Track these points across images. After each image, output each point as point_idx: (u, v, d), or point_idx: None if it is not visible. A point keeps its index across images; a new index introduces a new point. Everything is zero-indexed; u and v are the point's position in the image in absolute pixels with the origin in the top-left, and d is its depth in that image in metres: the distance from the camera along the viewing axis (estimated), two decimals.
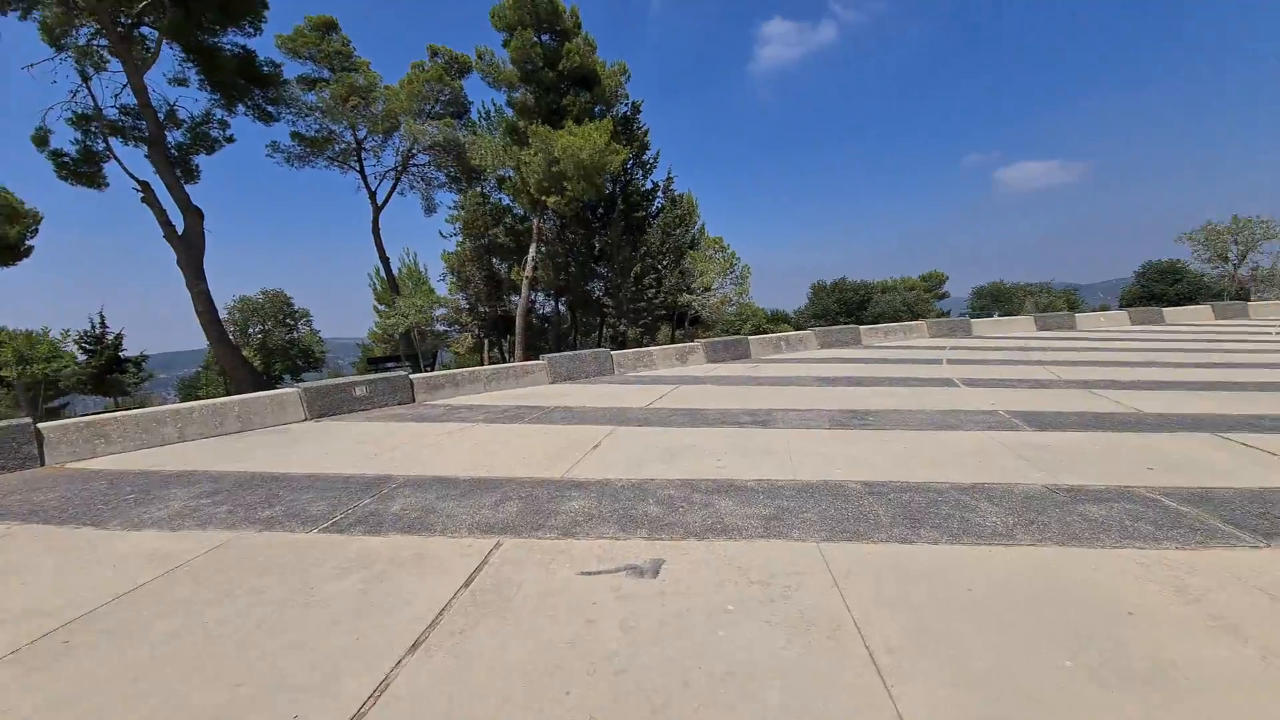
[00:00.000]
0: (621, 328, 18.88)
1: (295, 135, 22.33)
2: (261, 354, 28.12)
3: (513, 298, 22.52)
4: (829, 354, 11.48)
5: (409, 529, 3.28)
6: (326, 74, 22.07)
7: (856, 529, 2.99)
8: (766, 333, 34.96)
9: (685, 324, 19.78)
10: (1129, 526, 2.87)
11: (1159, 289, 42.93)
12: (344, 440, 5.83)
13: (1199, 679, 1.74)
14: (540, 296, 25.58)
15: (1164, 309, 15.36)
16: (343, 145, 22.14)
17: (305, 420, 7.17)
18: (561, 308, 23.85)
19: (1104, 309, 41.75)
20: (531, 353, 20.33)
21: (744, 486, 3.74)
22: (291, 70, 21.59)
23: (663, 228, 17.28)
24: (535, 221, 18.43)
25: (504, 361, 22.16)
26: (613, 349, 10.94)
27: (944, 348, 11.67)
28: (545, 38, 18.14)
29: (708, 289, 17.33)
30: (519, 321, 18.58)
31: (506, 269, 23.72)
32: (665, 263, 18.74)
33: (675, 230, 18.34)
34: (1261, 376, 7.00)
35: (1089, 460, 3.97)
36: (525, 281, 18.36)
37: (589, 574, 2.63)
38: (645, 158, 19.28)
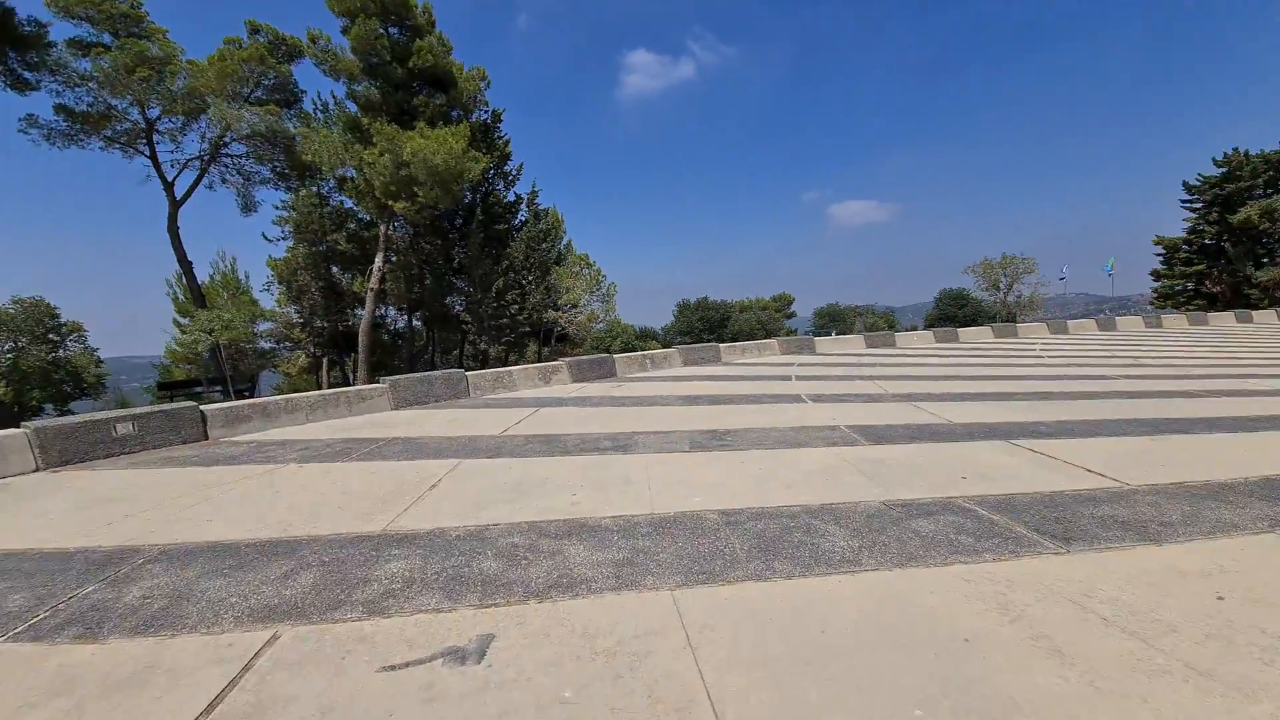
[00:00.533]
0: (482, 345, 17.82)
1: (61, 109, 18.04)
2: (9, 380, 22.01)
3: (357, 311, 20.21)
4: (691, 372, 11.78)
5: (144, 628, 2.43)
6: (108, 39, 18.20)
7: (712, 568, 2.80)
8: (634, 350, 35.84)
9: (552, 341, 19.33)
10: (954, 540, 3.04)
11: (951, 311, 51.89)
12: (83, 498, 4.45)
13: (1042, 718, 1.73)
14: (392, 311, 23.35)
15: (958, 329, 18.34)
16: (127, 125, 18.31)
17: (38, 471, 5.45)
18: (417, 323, 21.95)
19: (914, 328, 49.32)
20: (381, 372, 18.38)
21: (598, 526, 3.41)
22: (62, 32, 17.49)
23: (527, 241, 16.72)
24: (382, 228, 16.74)
25: (348, 384, 19.75)
26: (476, 368, 10.12)
27: (793, 364, 12.62)
28: (393, 30, 16.76)
29: (574, 305, 17.06)
30: (363, 338, 16.64)
31: (349, 279, 21.24)
32: (530, 278, 18.13)
33: (541, 245, 17.88)
34: (1032, 387, 8.42)
35: (917, 473, 4.28)
36: (370, 294, 16.54)
37: (393, 669, 2.08)
38: (507, 169, 18.62)
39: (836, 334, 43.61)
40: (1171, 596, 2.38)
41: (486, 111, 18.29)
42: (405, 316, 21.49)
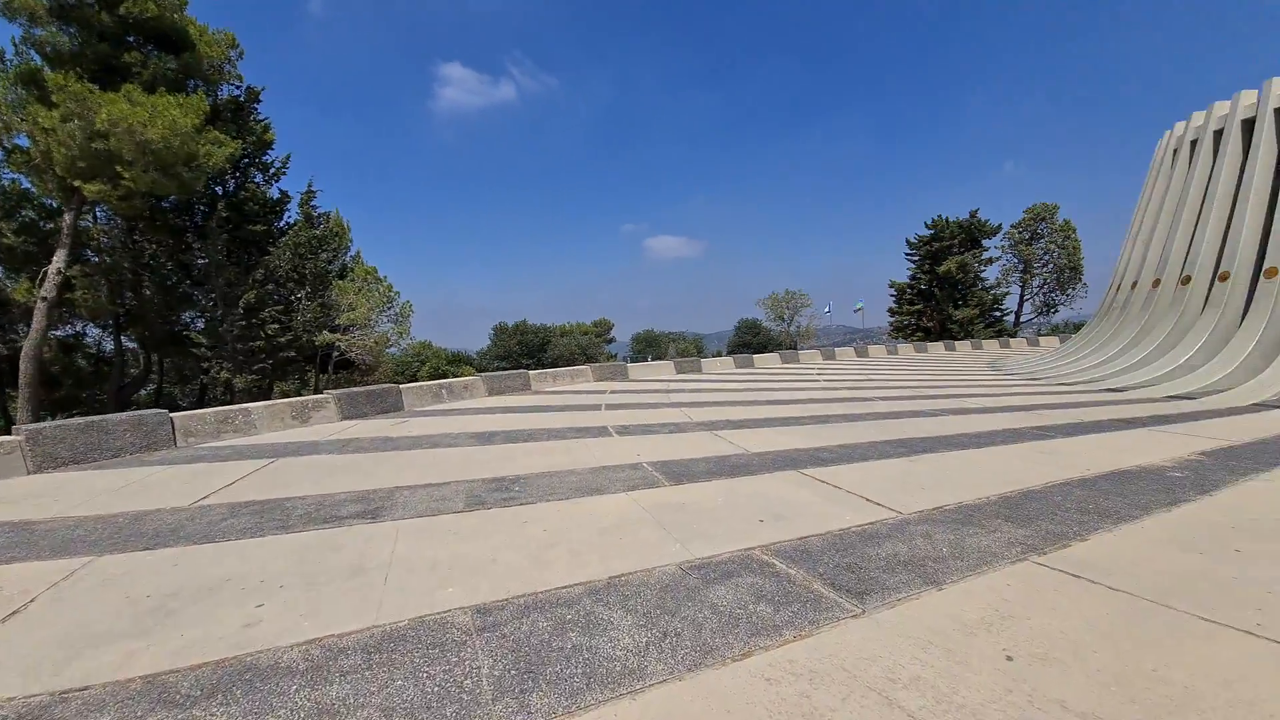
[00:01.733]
0: (224, 374, 14.19)
1: None
2: None
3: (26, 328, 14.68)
4: (495, 402, 10.65)
5: None
6: None
7: None
8: (445, 376, 32.77)
9: (331, 368, 16.28)
10: (752, 613, 2.58)
11: (748, 339, 58.36)
12: None
13: None
14: (95, 330, 17.63)
15: (754, 355, 20.20)
16: None
17: None
18: (130, 344, 16.77)
19: (719, 354, 54.31)
20: (74, 410, 13.73)
21: (272, 668, 2.23)
22: None
23: (294, 248, 13.87)
24: (68, 217, 12.39)
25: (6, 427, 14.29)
26: (226, 404, 7.61)
27: (605, 392, 12.27)
28: None
29: (356, 325, 14.56)
30: (25, 365, 11.90)
31: (16, 282, 15.41)
32: (302, 293, 15.12)
33: (317, 254, 15.05)
34: (814, 411, 9.14)
35: (716, 519, 3.90)
36: (42, 304, 12.01)
37: None
38: (269, 159, 15.44)
39: (652, 358, 45.78)
40: (969, 668, 2.15)
41: (239, 88, 14.96)
42: (113, 337, 16.20)
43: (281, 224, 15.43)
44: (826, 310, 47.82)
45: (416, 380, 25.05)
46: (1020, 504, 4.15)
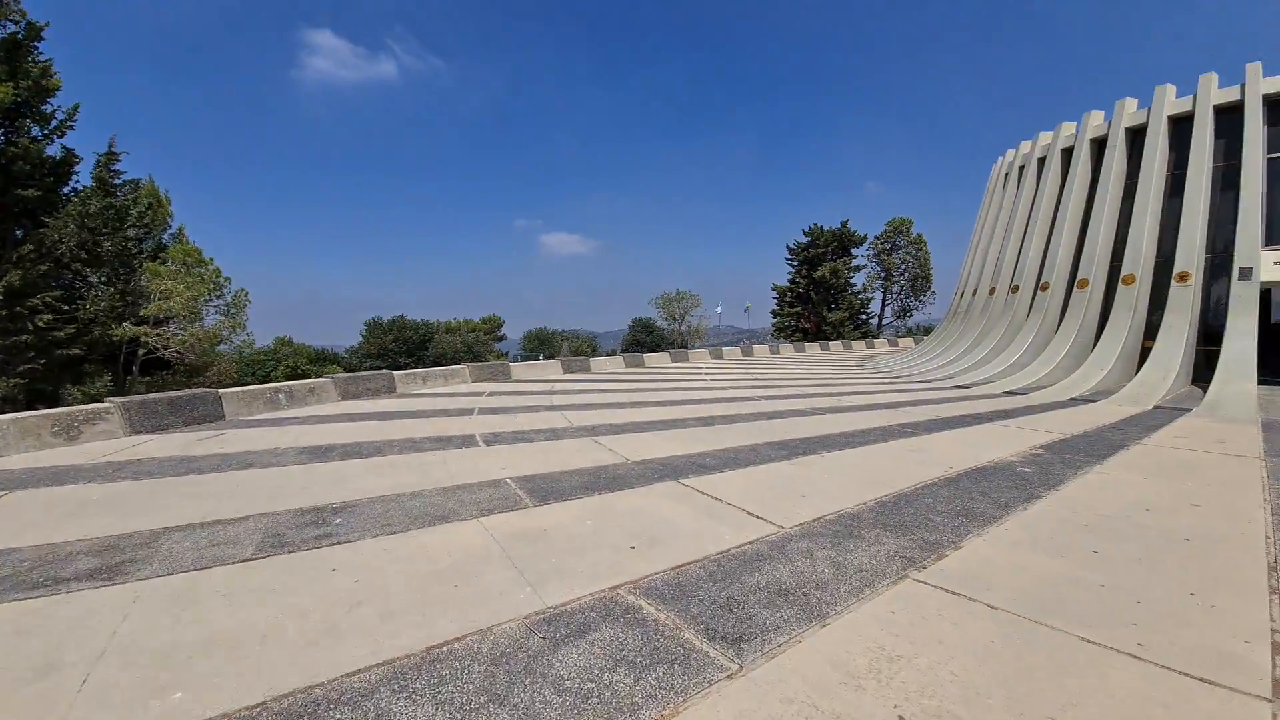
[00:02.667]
0: None
1: None
2: None
3: None
4: (347, 408, 9.25)
5: None
6: None
7: None
8: (305, 377, 29.22)
9: (136, 369, 13.23)
10: (607, 686, 2.03)
11: (641, 338, 58.99)
12: None
13: None
14: None
15: (645, 354, 20.07)
16: None
17: None
18: None
19: (613, 353, 54.25)
20: None
21: None
22: None
23: (80, 220, 11.03)
24: None
25: None
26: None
27: (482, 394, 11.26)
28: None
29: (173, 316, 11.97)
30: None
31: None
32: (98, 276, 12.26)
33: (120, 228, 12.24)
34: (700, 412, 8.94)
35: (581, 548, 3.32)
36: None
37: None
38: (49, 108, 12.30)
39: (544, 357, 44.51)
40: None
41: (20, 24, 11.69)
42: None
43: (67, 190, 12.30)
44: (718, 310, 49.61)
45: (270, 383, 21.92)
46: (896, 509, 4.05)
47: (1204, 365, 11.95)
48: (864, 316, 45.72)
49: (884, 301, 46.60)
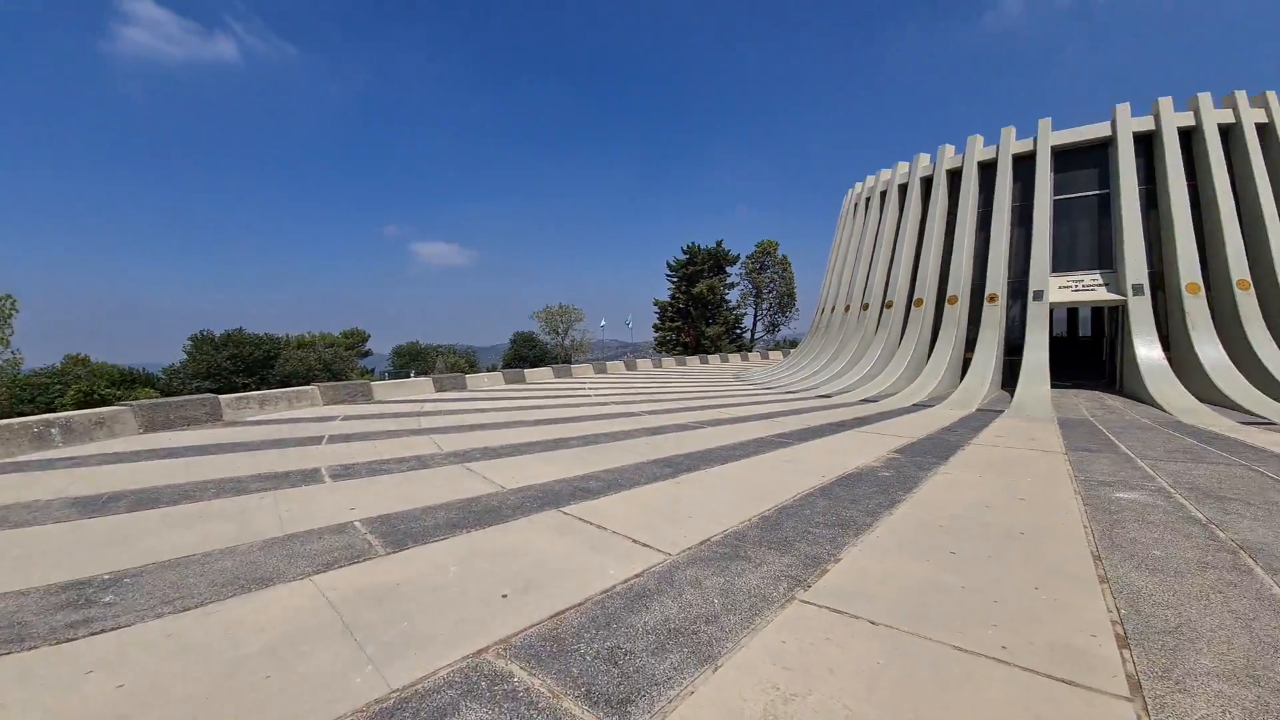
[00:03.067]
0: None
1: None
2: None
3: None
4: (152, 442, 7.59)
5: None
6: None
7: None
8: (104, 402, 24.73)
9: None
10: None
11: (524, 352, 57.43)
12: None
13: None
14: None
15: (526, 369, 19.35)
16: None
17: None
18: None
19: (494, 368, 52.10)
20: None
21: None
22: None
23: None
24: None
25: None
26: None
27: (336, 418, 9.94)
28: None
29: None
30: None
31: None
32: None
33: None
34: (584, 430, 8.63)
35: (442, 603, 2.84)
36: None
37: None
38: None
39: (416, 374, 41.41)
40: None
41: None
42: None
43: None
44: (602, 325, 49.80)
45: (55, 410, 17.89)
46: (779, 524, 4.05)
47: (1010, 373, 14.13)
48: (738, 331, 48.63)
49: (755, 317, 50.01)
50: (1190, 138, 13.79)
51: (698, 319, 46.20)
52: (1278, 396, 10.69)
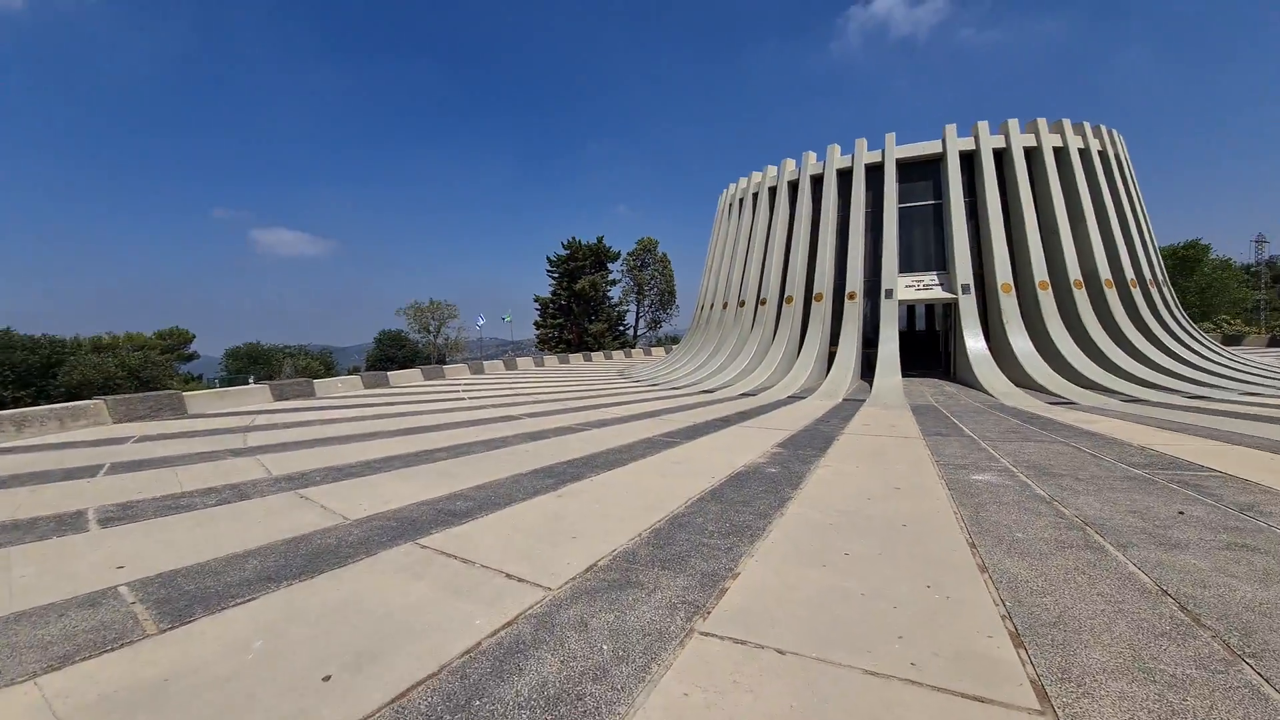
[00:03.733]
0: None
1: None
2: None
3: None
4: None
5: None
6: None
7: None
8: None
9: None
10: None
11: (391, 352, 52.86)
12: None
13: None
14: None
15: (390, 372, 17.53)
16: None
17: None
18: None
19: (356, 370, 47.23)
20: None
21: None
22: None
23: None
24: None
25: None
26: None
27: (128, 439, 8.00)
28: None
29: None
30: None
31: None
32: None
33: None
34: (455, 438, 7.77)
35: (228, 707, 2.07)
36: None
37: None
38: None
39: (256, 380, 36.21)
40: None
41: None
42: None
43: None
44: (479, 322, 47.22)
45: None
46: (671, 537, 3.73)
47: (867, 365, 15.47)
48: (621, 328, 48.96)
49: (638, 314, 50.71)
50: (1002, 158, 16.09)
51: (580, 316, 45.73)
52: (1073, 379, 12.77)
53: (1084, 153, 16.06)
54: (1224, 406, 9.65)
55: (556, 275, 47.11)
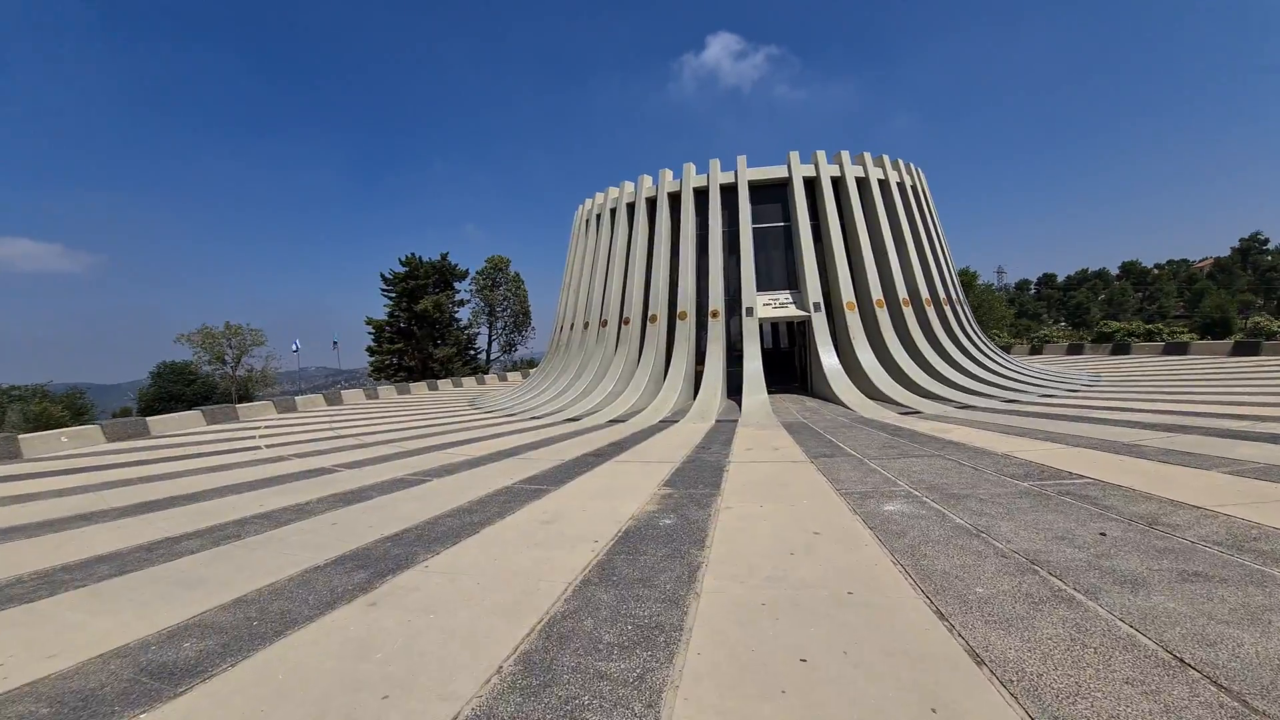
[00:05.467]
0: None
1: None
2: None
3: None
4: None
5: None
6: None
7: None
8: None
9: None
10: None
11: (177, 389, 43.33)
12: None
13: None
14: None
15: (156, 418, 13.56)
16: None
17: None
18: None
19: (127, 412, 37.53)
20: None
21: None
22: None
23: None
24: None
25: None
26: None
27: None
28: None
29: None
30: None
31: None
32: None
33: None
34: (220, 513, 5.60)
35: None
36: None
37: None
38: None
39: None
40: None
41: None
42: None
43: None
44: (295, 349, 40.48)
45: None
46: (550, 669, 2.46)
47: (731, 383, 15.50)
48: (473, 352, 45.70)
49: (490, 337, 47.84)
50: (838, 185, 17.46)
51: (424, 339, 41.71)
52: (913, 390, 13.85)
53: (901, 185, 18.09)
54: (1033, 408, 10.89)
55: (394, 295, 42.53)
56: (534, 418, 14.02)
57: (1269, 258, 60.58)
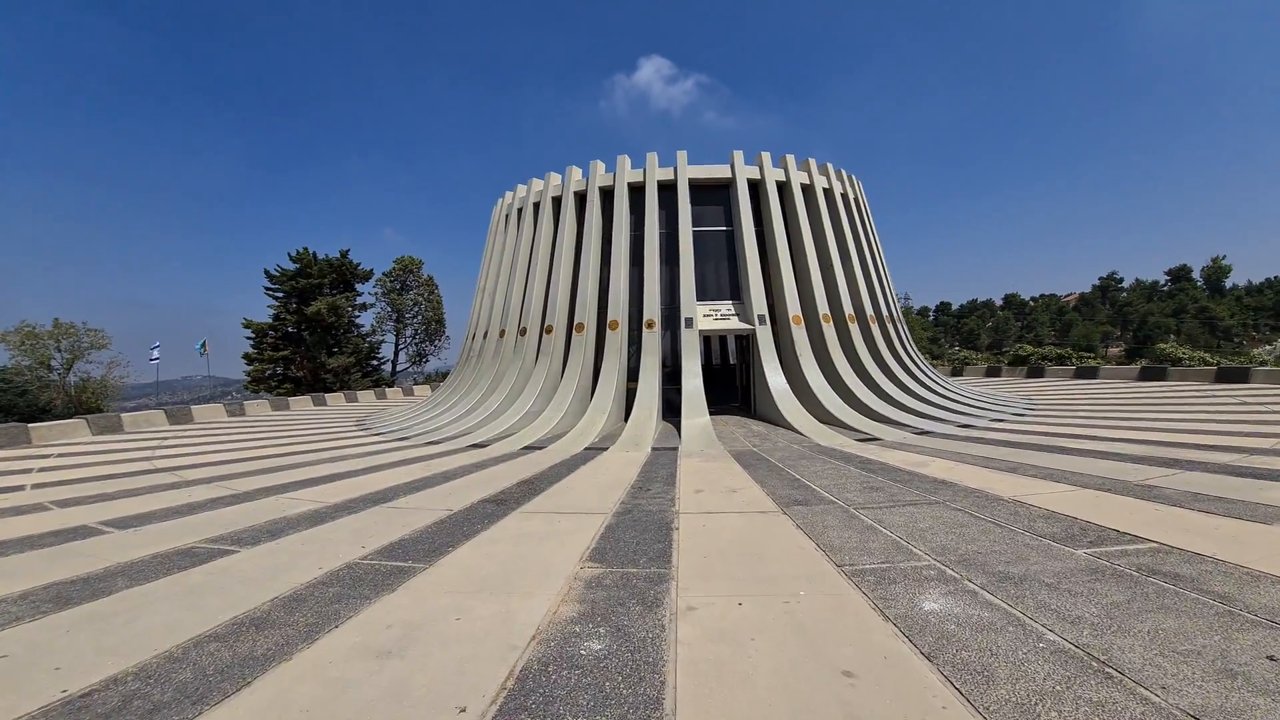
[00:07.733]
0: None
1: None
2: None
3: None
4: None
5: None
6: None
7: None
8: None
9: None
10: None
11: (7, 400, 36.21)
12: None
13: None
14: None
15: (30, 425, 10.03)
16: None
17: None
18: None
19: None
20: None
21: None
22: None
23: None
24: None
25: None
26: None
27: None
28: None
29: None
30: None
31: None
32: None
33: None
34: (105, 561, 3.22)
35: None
36: None
37: None
38: None
39: None
40: None
41: None
42: None
43: None
44: (154, 355, 34.84)
45: None
46: None
47: (668, 403, 13.98)
48: (375, 362, 41.66)
49: (397, 345, 43.94)
50: (784, 191, 16.58)
51: (316, 346, 37.39)
52: (864, 413, 12.90)
53: (844, 196, 17.54)
54: (991, 435, 10.12)
55: (281, 295, 37.90)
56: (431, 443, 11.76)
57: (1124, 294, 68.76)
